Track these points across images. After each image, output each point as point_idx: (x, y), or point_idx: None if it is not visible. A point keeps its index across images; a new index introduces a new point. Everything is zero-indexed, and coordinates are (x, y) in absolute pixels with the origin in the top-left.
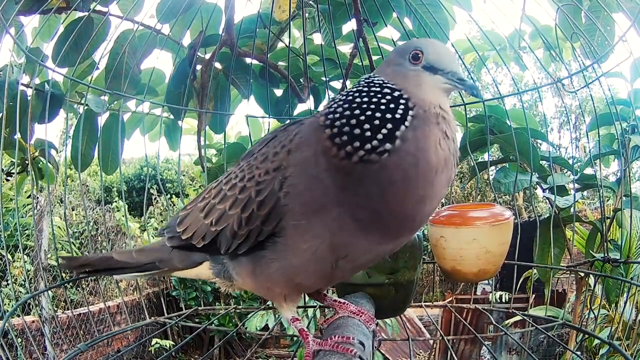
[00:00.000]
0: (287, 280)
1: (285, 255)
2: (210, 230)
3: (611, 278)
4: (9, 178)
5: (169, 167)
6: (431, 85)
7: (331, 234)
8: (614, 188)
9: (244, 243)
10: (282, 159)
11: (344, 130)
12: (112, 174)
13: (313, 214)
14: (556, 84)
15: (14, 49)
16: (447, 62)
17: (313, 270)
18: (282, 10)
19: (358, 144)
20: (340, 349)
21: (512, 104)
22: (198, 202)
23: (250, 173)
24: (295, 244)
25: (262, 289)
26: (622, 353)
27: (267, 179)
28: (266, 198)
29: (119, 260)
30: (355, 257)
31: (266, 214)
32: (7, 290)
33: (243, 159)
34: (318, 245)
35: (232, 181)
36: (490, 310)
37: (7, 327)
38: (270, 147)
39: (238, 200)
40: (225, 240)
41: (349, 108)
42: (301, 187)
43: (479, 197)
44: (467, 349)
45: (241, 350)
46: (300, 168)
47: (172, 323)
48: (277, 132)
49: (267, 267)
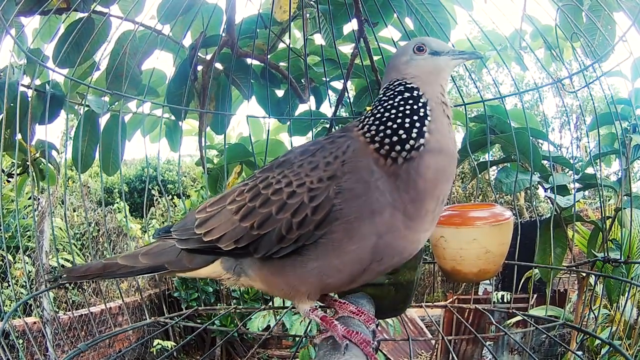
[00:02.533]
0: (319, 281)
1: (326, 256)
2: (250, 234)
3: (612, 278)
4: (9, 179)
5: (170, 168)
6: (441, 66)
7: (378, 236)
8: (615, 187)
9: (288, 247)
10: (336, 169)
11: (385, 142)
12: (113, 175)
13: (367, 218)
14: (557, 84)
15: (14, 49)
16: (446, 47)
17: (349, 271)
18: (283, 11)
19: (399, 148)
20: (364, 347)
21: (513, 104)
22: (226, 205)
23: (298, 180)
24: (341, 245)
25: (284, 288)
26: (623, 353)
27: (322, 186)
28: (322, 203)
29: (125, 264)
30: (388, 260)
31: (321, 218)
32: (8, 292)
33: (280, 166)
34: (364, 247)
35: (275, 186)
36: (492, 311)
37: (8, 328)
38: (319, 156)
39: (288, 204)
40: (267, 244)
41: (381, 122)
42: (357, 193)
43: (480, 197)
44: (468, 349)
45: (243, 350)
46: (356, 176)
47: (173, 323)
48: (322, 143)
49: (302, 267)
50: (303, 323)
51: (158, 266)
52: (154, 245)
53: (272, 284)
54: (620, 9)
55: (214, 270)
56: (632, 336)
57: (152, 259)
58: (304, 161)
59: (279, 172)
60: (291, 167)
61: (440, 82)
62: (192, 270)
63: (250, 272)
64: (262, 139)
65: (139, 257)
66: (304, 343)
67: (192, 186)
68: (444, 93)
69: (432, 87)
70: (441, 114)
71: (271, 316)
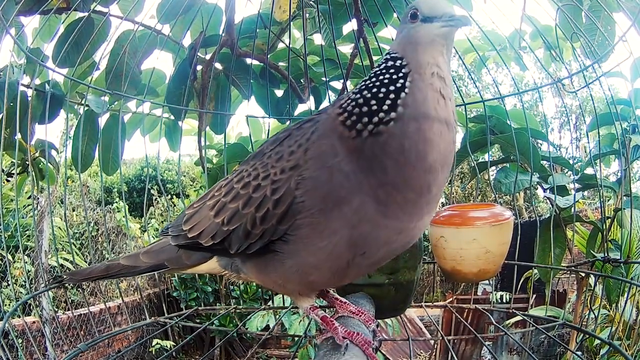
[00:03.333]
0: (301, 278)
1: (299, 253)
2: (221, 230)
3: (612, 278)
4: (9, 179)
5: (170, 167)
6: (429, 37)
7: (350, 228)
8: (614, 188)
9: (256, 242)
10: (298, 158)
11: (354, 111)
12: (112, 174)
13: (332, 209)
14: (556, 84)
15: (14, 49)
16: (441, 8)
17: (328, 268)
18: (283, 11)
19: (366, 119)
20: (365, 348)
21: (513, 104)
22: (207, 200)
23: (265, 172)
24: (311, 241)
25: (274, 285)
26: (623, 353)
27: (283, 177)
28: (282, 196)
29: (127, 265)
30: (373, 253)
31: (282, 212)
32: (8, 291)
33: (254, 157)
34: (336, 242)
35: (245, 180)
36: (491, 311)
37: (8, 327)
38: (285, 145)
39: (252, 199)
40: (236, 239)
41: (359, 91)
42: (320, 181)
43: (480, 197)
44: (467, 349)
45: (242, 350)
46: (318, 162)
47: (172, 323)
48: (291, 131)
49: (280, 266)
50: (302, 323)
51: (159, 264)
52: (154, 244)
53: (264, 281)
54: (620, 9)
55: (213, 267)
56: (631, 336)
57: (152, 257)
58: (272, 152)
59: (252, 164)
60: (262, 159)
61: (432, 52)
62: (191, 267)
63: (244, 269)
64: (262, 139)
65: (140, 256)
66: (304, 343)
67: (191, 186)
68: (439, 65)
69: (420, 57)
70: (427, 88)
71: (270, 316)
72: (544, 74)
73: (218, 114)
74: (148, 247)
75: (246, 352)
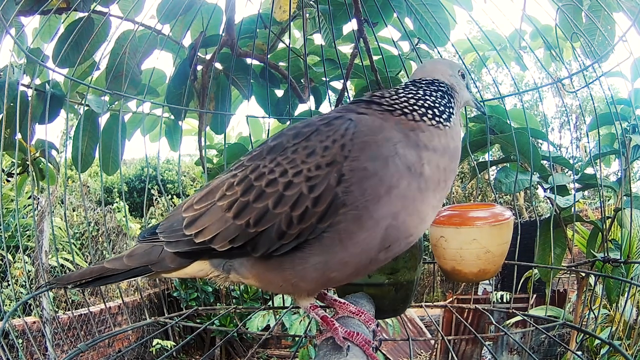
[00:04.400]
0: (321, 276)
1: (332, 249)
2: (246, 232)
3: (612, 278)
4: (9, 179)
5: (170, 167)
6: (466, 98)
7: (392, 217)
8: (614, 188)
9: (290, 243)
10: (335, 154)
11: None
12: (112, 174)
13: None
14: (556, 84)
15: (14, 49)
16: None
17: (356, 263)
18: (283, 11)
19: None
20: (366, 348)
21: (513, 104)
22: (216, 201)
23: (294, 168)
24: (350, 236)
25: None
26: (623, 353)
27: (320, 173)
28: (323, 193)
29: (111, 268)
30: (394, 247)
31: (324, 210)
32: (8, 291)
33: (270, 152)
34: (375, 234)
35: (268, 176)
36: (491, 311)
37: (8, 327)
38: (315, 140)
39: (285, 197)
40: (266, 242)
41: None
42: (371, 172)
43: (480, 197)
44: (468, 349)
45: (242, 350)
46: (367, 154)
47: (172, 323)
48: (317, 126)
49: (302, 263)
50: (303, 323)
51: (141, 267)
52: (137, 247)
53: (268, 281)
54: (620, 9)
55: (201, 269)
56: (631, 336)
57: (136, 260)
58: (299, 146)
59: (271, 159)
60: (284, 153)
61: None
62: (176, 270)
63: (241, 270)
64: (262, 139)
65: (124, 259)
66: (304, 343)
67: (191, 186)
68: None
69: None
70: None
71: (271, 316)
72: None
73: (218, 114)
74: (131, 249)
75: (246, 352)
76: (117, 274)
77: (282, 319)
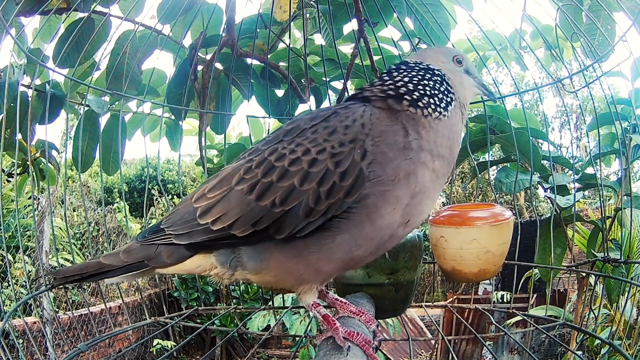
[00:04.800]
0: (347, 254)
1: (360, 224)
2: (271, 212)
3: (612, 278)
4: (9, 179)
5: (170, 167)
6: (468, 84)
7: (411, 196)
8: (615, 187)
9: (317, 220)
10: (357, 132)
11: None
12: (113, 174)
13: (402, 179)
14: (557, 84)
15: (14, 49)
16: (475, 70)
17: (379, 238)
18: (283, 11)
19: (434, 107)
20: (366, 349)
21: (513, 103)
22: (233, 186)
23: (317, 146)
24: (376, 210)
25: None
26: (623, 353)
27: (344, 150)
28: (349, 168)
29: (107, 263)
30: (412, 222)
31: (350, 184)
32: (8, 291)
33: (287, 134)
34: (398, 209)
35: (290, 156)
36: (492, 311)
37: (8, 327)
38: (335, 121)
39: (312, 174)
40: (293, 220)
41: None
42: (390, 157)
43: (480, 197)
44: (468, 349)
45: (242, 350)
46: (386, 140)
47: (173, 323)
48: (335, 109)
49: (329, 242)
50: (303, 323)
51: (138, 262)
52: (134, 243)
53: (285, 270)
54: (620, 9)
55: (199, 264)
56: (632, 336)
57: (132, 256)
58: (318, 127)
59: (290, 140)
60: (304, 134)
61: (467, 95)
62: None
63: (250, 264)
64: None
65: (120, 255)
66: (304, 343)
67: (192, 186)
68: (467, 101)
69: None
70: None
71: (271, 316)
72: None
73: (218, 114)
74: (127, 245)
75: (247, 352)
76: (113, 269)
77: (282, 319)
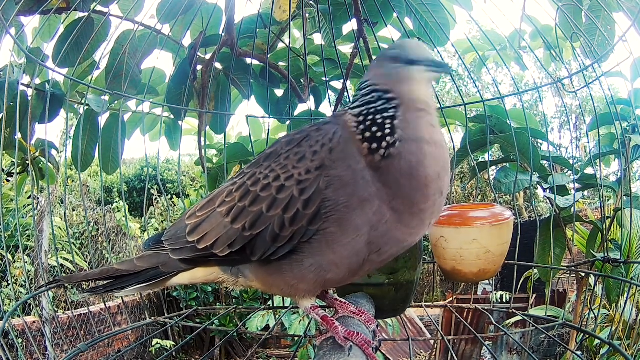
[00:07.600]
0: (318, 277)
1: (322, 252)
2: (242, 236)
3: (612, 278)
4: (9, 178)
5: (170, 167)
6: (413, 76)
7: (370, 227)
8: (614, 188)
9: (285, 246)
10: (324, 158)
11: (366, 135)
12: (112, 174)
13: (357, 207)
14: (556, 84)
15: (14, 49)
16: (423, 54)
17: (347, 264)
18: (283, 11)
19: (376, 144)
20: (366, 349)
21: (513, 104)
22: (216, 208)
23: (286, 173)
24: (336, 239)
25: (283, 287)
26: (622, 353)
27: (310, 177)
28: (312, 196)
29: (120, 269)
30: (386, 250)
31: (313, 212)
32: (8, 291)
33: (267, 159)
34: (359, 239)
35: (263, 182)
36: (491, 311)
37: (8, 327)
38: (305, 146)
39: (278, 200)
40: (262, 244)
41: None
42: (346, 181)
43: (480, 197)
44: (467, 349)
45: (242, 350)
46: (345, 164)
47: (172, 323)
48: (309, 132)
49: (299, 266)
50: (302, 323)
51: (153, 269)
52: (145, 253)
53: (271, 284)
54: (620, 9)
55: (212, 272)
56: (631, 336)
57: (146, 262)
58: (290, 152)
59: (267, 165)
60: (278, 160)
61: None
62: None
63: (247, 273)
64: (262, 139)
65: (134, 261)
66: (304, 343)
67: (191, 185)
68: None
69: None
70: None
71: (270, 316)
72: (544, 74)
73: (218, 114)
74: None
75: (246, 352)
76: (128, 274)
77: (281, 319)
